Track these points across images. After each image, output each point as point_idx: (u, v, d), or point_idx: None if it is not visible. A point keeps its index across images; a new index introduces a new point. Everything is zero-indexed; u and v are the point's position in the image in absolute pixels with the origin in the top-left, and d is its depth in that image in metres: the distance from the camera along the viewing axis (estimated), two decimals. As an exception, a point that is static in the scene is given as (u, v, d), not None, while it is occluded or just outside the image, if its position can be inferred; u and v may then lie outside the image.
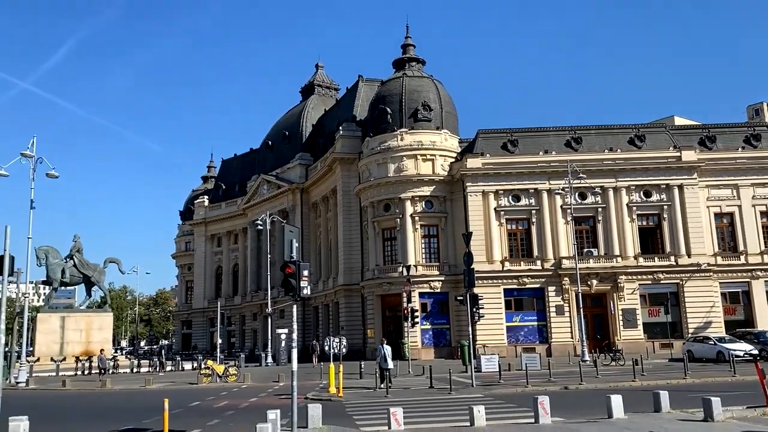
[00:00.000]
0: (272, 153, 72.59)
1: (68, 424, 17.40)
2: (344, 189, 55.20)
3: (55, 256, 48.23)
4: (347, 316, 53.28)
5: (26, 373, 34.61)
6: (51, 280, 48.54)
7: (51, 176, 32.81)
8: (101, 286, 51.72)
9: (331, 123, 62.98)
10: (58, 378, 37.04)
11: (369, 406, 20.24)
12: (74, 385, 32.83)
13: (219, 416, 18.72)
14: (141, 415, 18.70)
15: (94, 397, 27.76)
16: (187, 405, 21.83)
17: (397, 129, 50.71)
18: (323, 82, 75.52)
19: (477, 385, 24.94)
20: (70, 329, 47.47)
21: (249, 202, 73.42)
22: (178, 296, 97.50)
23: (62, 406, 24.44)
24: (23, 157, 31.82)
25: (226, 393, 26.42)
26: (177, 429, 15.06)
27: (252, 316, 71.74)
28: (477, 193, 47.90)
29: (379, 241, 51.29)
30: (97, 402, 25.43)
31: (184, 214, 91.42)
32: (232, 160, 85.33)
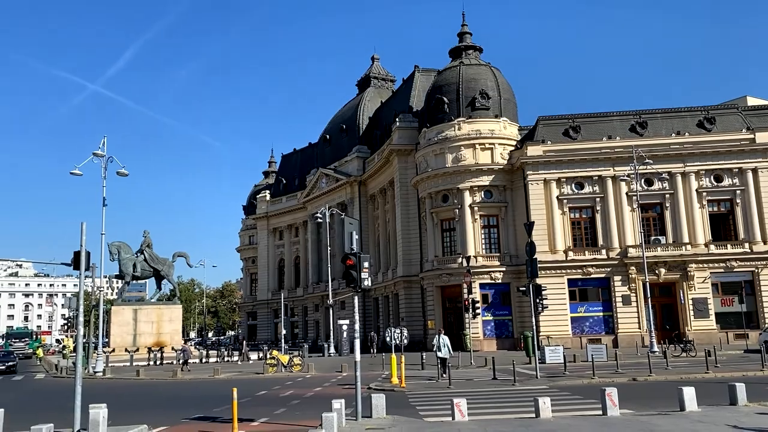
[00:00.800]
0: (330, 147, 73.33)
1: (143, 412, 18.14)
2: (401, 180, 55.21)
3: (126, 251, 50.30)
4: (407, 307, 53.41)
5: (103, 363, 36.29)
6: (123, 275, 50.69)
7: (121, 174, 34.12)
8: (171, 279, 53.64)
9: (388, 115, 63.04)
10: (132, 368, 38.68)
11: (432, 397, 20.24)
12: (147, 374, 34.19)
13: (285, 405, 19.12)
14: (211, 404, 19.30)
15: (165, 386, 28.86)
16: (254, 394, 22.39)
17: (454, 118, 50.28)
18: (379, 74, 75.63)
19: (541, 376, 24.56)
20: (142, 321, 49.51)
21: (308, 196, 74.49)
22: (243, 288, 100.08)
23: (137, 394, 25.52)
24: (95, 156, 33.22)
25: (291, 383, 26.96)
26: (245, 417, 15.47)
27: (314, 307, 72.89)
28: (538, 181, 47.01)
29: (437, 232, 51.10)
30: (169, 391, 26.41)
31: (247, 209, 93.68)
32: (292, 155, 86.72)
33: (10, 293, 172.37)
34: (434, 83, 54.21)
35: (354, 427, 13.84)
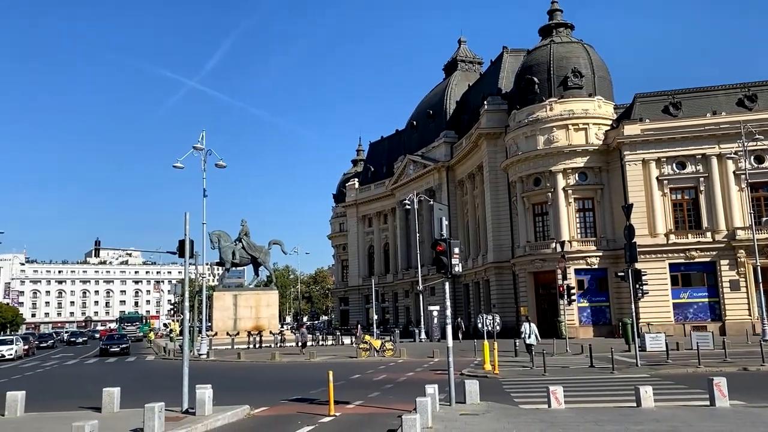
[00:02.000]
0: (417, 133, 73.24)
1: (244, 393, 18.95)
2: (491, 165, 54.33)
3: (226, 239, 52.56)
4: (498, 293, 52.72)
5: (206, 346, 38.24)
6: (224, 262, 53.05)
7: (219, 166, 35.65)
8: (267, 266, 55.60)
9: (475, 98, 62.11)
10: (233, 351, 40.54)
11: (526, 384, 19.90)
12: (247, 357, 35.72)
13: (378, 389, 19.40)
14: (307, 386, 19.90)
15: (264, 368, 30.04)
16: (349, 377, 22.86)
17: (545, 99, 48.79)
18: (466, 57, 74.55)
19: (642, 364, 23.55)
20: (242, 306, 51.66)
21: (396, 183, 74.86)
22: (335, 274, 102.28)
23: (238, 376, 26.71)
24: (195, 150, 34.84)
25: (384, 367, 27.31)
26: (341, 400, 15.82)
27: (404, 293, 73.43)
28: (636, 161, 44.89)
29: (529, 217, 49.98)
30: (268, 373, 27.47)
31: (337, 197, 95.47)
32: (379, 143, 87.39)
33: (122, 280, 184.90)
34: (524, 63, 52.79)
35: (448, 412, 13.83)
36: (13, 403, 15.36)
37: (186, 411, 14.42)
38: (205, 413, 13.90)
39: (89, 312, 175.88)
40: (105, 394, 15.36)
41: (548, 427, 11.93)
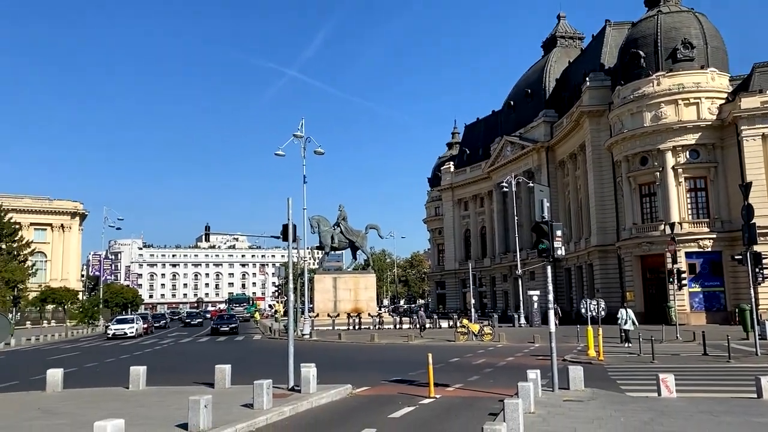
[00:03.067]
0: (514, 113, 71.54)
1: (346, 373, 19.43)
2: (593, 144, 52.20)
3: (325, 224, 53.95)
4: (602, 278, 50.81)
5: (309, 327, 39.55)
6: (323, 246, 54.53)
7: (318, 153, 36.51)
8: (364, 249, 56.58)
9: (576, 75, 59.74)
10: (334, 332, 41.66)
11: (633, 371, 19.12)
12: (347, 338, 36.59)
13: (478, 373, 19.29)
14: (407, 368, 20.11)
15: (364, 349, 30.67)
16: (447, 360, 22.89)
17: (652, 73, 46.16)
18: (566, 32, 71.77)
19: (762, 354, 21.96)
20: (341, 289, 52.98)
21: (493, 165, 73.63)
22: (431, 258, 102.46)
23: (339, 356, 27.43)
24: (295, 138, 35.89)
25: (483, 351, 27.12)
26: (440, 382, 15.87)
27: (502, 277, 72.40)
28: (755, 137, 41.66)
29: (635, 198, 47.68)
30: (367, 354, 28.02)
31: (432, 181, 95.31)
32: (475, 125, 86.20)
33: (230, 263, 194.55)
34: (628, 36, 50.12)
35: (551, 398, 13.54)
36: (136, 377, 16.59)
37: (292, 388, 14.99)
38: (310, 391, 14.39)
39: (201, 293, 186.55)
40: (217, 371, 16.25)
41: (658, 416, 11.40)
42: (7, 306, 65.71)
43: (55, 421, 12.22)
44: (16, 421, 12.26)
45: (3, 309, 60.22)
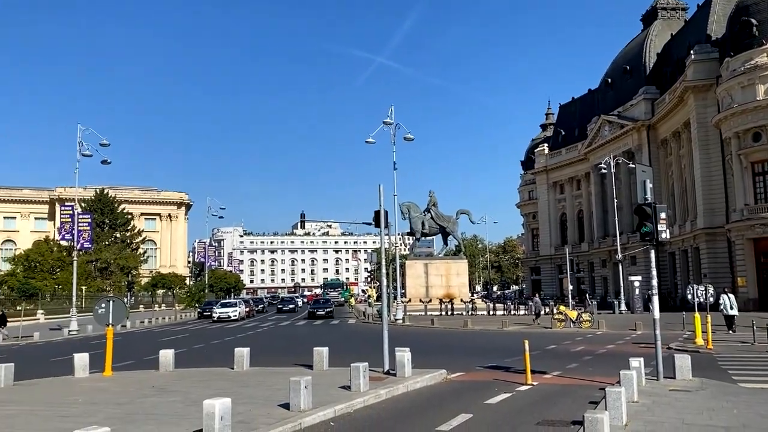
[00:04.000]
0: (612, 91, 68.47)
1: (440, 358, 19.46)
2: (699, 120, 49.11)
3: (415, 210, 54.14)
4: (710, 262, 47.93)
5: (402, 312, 39.93)
6: (414, 232, 54.81)
7: (407, 139, 36.61)
8: (456, 235, 56.34)
9: (679, 48, 56.30)
10: (426, 317, 41.82)
11: (745, 361, 17.96)
12: (440, 323, 36.63)
13: (577, 360, 18.77)
14: (502, 354, 19.88)
15: (457, 335, 30.61)
16: (544, 348, 22.42)
17: (766, 42, 42.74)
18: (668, 3, 67.69)
19: None
20: (432, 275, 53.08)
21: (590, 146, 70.94)
22: (525, 244, 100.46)
23: (432, 341, 27.53)
24: (385, 125, 36.14)
25: (582, 338, 26.35)
26: (537, 369, 15.56)
27: (600, 262, 69.90)
28: None
29: (747, 177, 44.52)
30: (460, 340, 27.95)
31: (525, 164, 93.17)
32: (570, 105, 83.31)
33: (324, 249, 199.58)
34: (738, 4, 46.63)
35: (655, 387, 12.96)
36: (240, 358, 17.40)
37: (387, 372, 15.20)
38: (405, 375, 14.53)
39: (297, 278, 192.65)
40: (315, 353, 16.74)
41: (777, 410, 10.64)
42: (122, 291, 70.58)
43: (168, 398, 13.03)
44: (134, 398, 13.19)
45: (118, 293, 64.85)
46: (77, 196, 51.90)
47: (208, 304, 54.83)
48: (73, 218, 44.30)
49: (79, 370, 16.97)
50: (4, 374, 15.39)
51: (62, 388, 15.17)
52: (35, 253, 69.47)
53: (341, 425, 10.52)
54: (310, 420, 10.44)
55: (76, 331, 38.44)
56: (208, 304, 55.83)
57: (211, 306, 53.29)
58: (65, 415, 11.42)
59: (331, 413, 11.02)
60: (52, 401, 13.08)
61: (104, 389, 14.74)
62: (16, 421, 10.98)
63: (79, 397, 13.49)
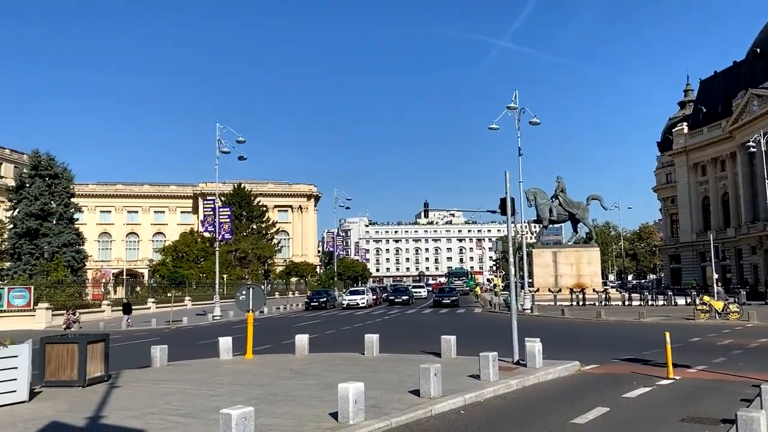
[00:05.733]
0: (762, 62, 62.33)
1: (572, 349, 18.79)
2: None
3: (542, 197, 52.52)
4: None
5: (530, 302, 39.05)
6: (541, 219, 53.21)
7: (533, 124, 35.60)
8: (586, 222, 54.07)
9: None
10: (556, 307, 40.58)
11: None
12: (571, 314, 35.39)
13: (724, 354, 17.40)
14: (639, 347, 18.86)
15: (589, 326, 29.43)
16: (687, 340, 21.00)
17: None
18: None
19: None
20: (561, 263, 51.31)
21: (735, 123, 65.07)
22: (663, 230, 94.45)
23: (563, 332, 26.66)
24: (509, 110, 35.37)
25: (729, 331, 24.38)
26: (679, 363, 14.60)
27: (749, 249, 64.09)
28: None
29: None
30: (594, 331, 26.84)
31: (661, 145, 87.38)
32: (712, 79, 76.85)
33: (447, 239, 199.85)
34: None
35: (820, 387, 11.69)
36: (370, 344, 17.87)
37: (517, 362, 14.95)
38: (536, 366, 14.21)
39: (421, 267, 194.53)
40: (443, 341, 16.81)
41: None
42: (259, 279, 74.83)
43: (305, 381, 13.66)
44: (273, 380, 13.97)
45: (256, 281, 68.85)
46: (217, 191, 55.62)
47: (317, 294, 53.20)
48: (214, 211, 47.53)
49: (224, 352, 18.23)
50: (159, 355, 16.89)
51: (209, 369, 16.38)
52: (182, 244, 75.46)
53: (472, 414, 10.48)
54: (440, 407, 10.51)
55: (219, 316, 41.37)
56: (317, 294, 54.12)
57: (319, 296, 52.53)
58: (213, 394, 12.33)
59: (461, 401, 11.03)
60: (201, 381, 14.17)
61: (246, 371, 15.74)
62: (170, 398, 12.01)
63: (224, 378, 14.51)
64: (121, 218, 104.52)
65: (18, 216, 52.50)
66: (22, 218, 51.73)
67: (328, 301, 52.16)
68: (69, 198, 55.43)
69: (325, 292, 55.96)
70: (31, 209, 51.62)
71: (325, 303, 51.18)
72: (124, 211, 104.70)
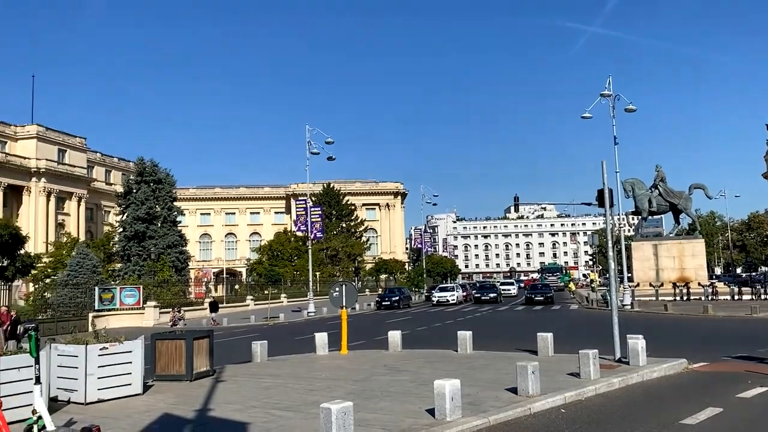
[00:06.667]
0: None
1: (676, 346, 17.80)
2: None
3: (640, 187, 50.18)
4: None
5: (630, 297, 37.44)
6: (639, 211, 50.85)
7: (629, 110, 34.07)
8: (689, 212, 51.21)
9: None
10: (658, 302, 38.71)
11: None
12: (675, 309, 33.60)
13: None
14: (753, 344, 17.68)
15: (695, 322, 27.87)
16: (808, 338, 19.44)
17: None
18: None
19: None
20: (663, 256, 48.83)
21: None
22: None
23: (666, 328, 25.39)
24: (602, 97, 34.03)
25: None
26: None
27: None
28: None
29: None
30: (700, 327, 25.41)
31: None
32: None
33: (539, 233, 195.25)
34: None
35: None
36: (463, 341, 17.72)
37: (619, 360, 14.34)
38: (639, 364, 13.57)
39: (512, 263, 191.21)
40: (539, 338, 16.39)
41: None
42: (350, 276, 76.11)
43: (399, 377, 13.73)
44: (369, 375, 14.14)
45: (347, 278, 70.10)
46: (308, 191, 57.05)
47: (389, 293, 51.84)
48: (306, 211, 48.77)
49: (320, 348, 18.66)
50: (260, 351, 17.51)
51: (307, 363, 16.82)
52: (276, 244, 78.04)
53: (573, 412, 10.16)
54: (539, 405, 10.26)
55: (313, 312, 42.44)
56: (389, 293, 53.88)
57: (392, 294, 51.05)
58: (312, 388, 12.64)
59: (560, 400, 10.72)
60: (300, 375, 14.57)
61: (342, 366, 16.03)
62: (271, 392, 12.41)
63: (321, 373, 14.85)
64: (220, 220, 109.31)
65: (126, 220, 56.05)
66: (131, 222, 55.17)
67: (402, 300, 49.42)
68: (172, 202, 58.57)
69: (399, 290, 53.75)
70: (138, 213, 54.95)
71: (398, 302, 48.36)
72: (222, 213, 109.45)
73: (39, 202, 72.65)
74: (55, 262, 52.03)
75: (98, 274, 46.20)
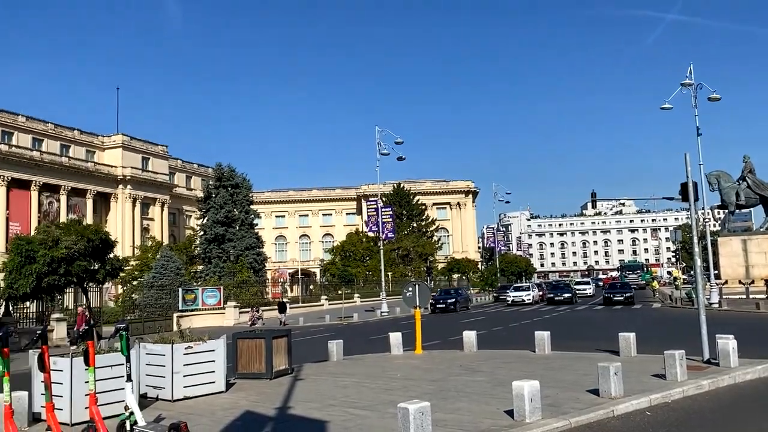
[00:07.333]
0: None
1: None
2: None
3: (726, 180, 47.66)
4: None
5: (717, 295, 35.60)
6: (726, 204, 48.29)
7: (713, 99, 32.43)
8: (784, 205, 48.16)
9: None
10: (749, 300, 36.61)
11: None
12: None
13: None
14: None
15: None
16: None
17: None
18: None
19: None
20: (753, 252, 46.18)
21: None
22: None
23: (758, 328, 24.00)
24: (683, 86, 32.52)
25: None
26: None
27: None
28: None
29: None
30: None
31: None
32: None
33: (618, 230, 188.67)
34: None
35: None
36: (541, 341, 17.34)
37: (707, 361, 13.66)
38: (730, 365, 12.88)
39: (590, 261, 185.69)
40: (621, 338, 15.83)
41: None
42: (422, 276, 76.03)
43: (475, 377, 13.59)
44: (445, 375, 14.07)
45: (419, 278, 70.08)
46: (378, 192, 57.41)
47: (445, 294, 47.61)
48: (377, 211, 49.13)
49: (394, 347, 18.72)
50: (336, 350, 17.75)
51: (382, 363, 16.92)
52: (348, 244, 79.00)
53: (659, 415, 9.75)
54: (623, 408, 9.91)
55: (386, 312, 42.65)
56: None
57: (447, 296, 46.72)
58: (388, 388, 12.70)
59: (645, 402, 10.31)
60: (375, 375, 14.67)
61: (417, 366, 16.02)
62: (348, 391, 12.56)
63: (397, 373, 14.90)
64: (294, 222, 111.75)
65: (207, 224, 58.22)
66: (211, 225, 57.26)
67: (459, 302, 44.83)
68: (249, 205, 60.40)
69: (455, 292, 49.28)
70: (218, 217, 56.96)
71: (454, 305, 43.64)
72: (296, 215, 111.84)
73: (125, 208, 76.54)
74: (141, 265, 54.62)
75: (181, 276, 48.15)
